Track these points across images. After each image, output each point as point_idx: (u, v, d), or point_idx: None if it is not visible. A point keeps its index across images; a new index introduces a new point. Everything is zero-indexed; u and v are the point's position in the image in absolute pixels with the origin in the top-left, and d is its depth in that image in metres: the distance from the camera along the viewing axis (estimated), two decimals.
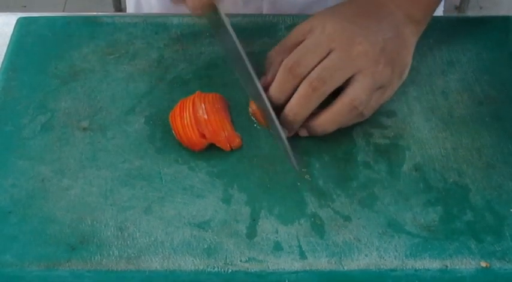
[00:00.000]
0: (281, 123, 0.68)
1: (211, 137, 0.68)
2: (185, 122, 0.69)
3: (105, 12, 0.89)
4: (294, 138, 0.70)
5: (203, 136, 0.68)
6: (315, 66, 0.67)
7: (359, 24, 0.69)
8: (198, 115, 0.69)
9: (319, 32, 0.69)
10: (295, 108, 0.67)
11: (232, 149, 0.70)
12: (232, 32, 0.69)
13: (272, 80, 0.70)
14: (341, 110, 0.67)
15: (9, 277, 0.61)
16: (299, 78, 0.67)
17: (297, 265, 0.61)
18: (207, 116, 0.69)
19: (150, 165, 0.68)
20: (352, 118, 0.69)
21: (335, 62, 0.67)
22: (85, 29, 0.82)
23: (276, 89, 0.68)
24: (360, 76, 0.67)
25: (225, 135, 0.69)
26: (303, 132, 0.70)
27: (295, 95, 0.67)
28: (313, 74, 0.67)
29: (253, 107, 0.72)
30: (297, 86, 0.67)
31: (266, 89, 0.70)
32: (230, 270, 0.61)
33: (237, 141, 0.69)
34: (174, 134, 0.70)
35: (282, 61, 0.70)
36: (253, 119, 0.72)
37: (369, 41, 0.68)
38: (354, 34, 0.68)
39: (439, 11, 1.00)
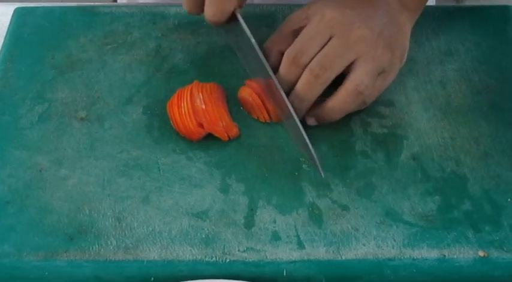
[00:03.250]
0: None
1: (209, 126, 0.68)
2: (183, 111, 0.68)
3: (103, 2, 0.89)
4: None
5: (201, 126, 0.68)
6: (317, 53, 0.67)
7: (356, 11, 0.70)
8: (195, 105, 0.69)
9: (317, 20, 0.69)
10: (300, 96, 0.68)
11: (230, 139, 0.69)
12: (252, 39, 0.68)
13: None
14: (347, 96, 0.68)
15: (7, 267, 0.61)
16: (303, 67, 0.67)
17: (295, 255, 0.61)
18: (205, 105, 0.69)
19: (147, 155, 0.68)
20: (357, 104, 0.69)
21: (335, 48, 0.67)
22: (82, 19, 0.82)
23: (281, 80, 0.68)
24: (361, 61, 0.67)
25: (223, 124, 0.69)
26: (311, 121, 0.70)
27: (299, 84, 0.68)
28: (314, 61, 0.67)
29: (242, 93, 0.72)
30: (301, 75, 0.68)
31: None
32: (228, 260, 0.61)
33: (234, 131, 0.69)
34: (172, 124, 0.70)
35: (280, 51, 0.70)
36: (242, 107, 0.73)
37: (367, 26, 0.68)
38: (352, 20, 0.68)
39: (431, 1, 1.00)
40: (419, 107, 0.73)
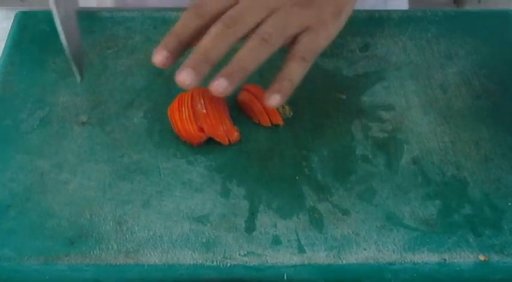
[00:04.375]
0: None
1: (210, 131, 0.68)
2: (184, 116, 0.69)
3: (97, 6, 0.89)
4: (291, 128, 0.70)
5: (202, 130, 0.68)
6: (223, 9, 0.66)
7: None
8: (196, 109, 0.69)
9: None
10: (210, 50, 0.65)
11: (230, 143, 0.70)
12: None
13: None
14: (253, 43, 0.65)
15: (8, 271, 0.61)
16: (207, 17, 0.66)
17: (296, 259, 0.61)
18: (206, 110, 0.69)
19: (148, 159, 0.68)
20: (296, 65, 0.66)
21: (246, 3, 0.66)
22: (83, 23, 0.81)
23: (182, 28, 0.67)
24: (271, 16, 0.65)
25: (224, 129, 0.69)
26: (273, 100, 0.65)
27: (206, 37, 0.65)
28: (224, 15, 0.65)
29: (241, 97, 0.72)
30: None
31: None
32: (229, 264, 0.61)
33: (235, 135, 0.69)
34: (173, 128, 0.70)
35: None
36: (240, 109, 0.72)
37: None
38: None
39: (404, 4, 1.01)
40: (419, 111, 0.73)
